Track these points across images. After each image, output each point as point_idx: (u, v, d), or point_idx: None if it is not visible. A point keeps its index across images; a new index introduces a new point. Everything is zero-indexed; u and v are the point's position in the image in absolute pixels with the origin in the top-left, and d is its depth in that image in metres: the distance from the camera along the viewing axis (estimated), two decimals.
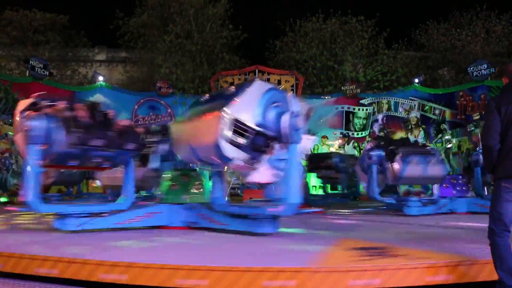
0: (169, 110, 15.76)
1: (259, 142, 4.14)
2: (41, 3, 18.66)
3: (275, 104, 4.15)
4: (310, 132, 15.00)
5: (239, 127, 3.97)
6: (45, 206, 4.61)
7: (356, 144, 15.23)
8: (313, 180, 13.57)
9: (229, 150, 4.00)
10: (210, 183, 6.73)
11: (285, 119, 3.98)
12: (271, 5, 28.22)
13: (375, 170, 7.51)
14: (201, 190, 5.51)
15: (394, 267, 2.69)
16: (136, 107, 15.60)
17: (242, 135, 4.00)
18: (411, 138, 15.09)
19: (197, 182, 5.57)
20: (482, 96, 14.61)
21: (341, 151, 14.19)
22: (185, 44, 16.69)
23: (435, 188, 7.98)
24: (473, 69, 14.71)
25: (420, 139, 14.92)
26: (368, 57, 17.26)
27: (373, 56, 17.29)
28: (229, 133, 3.94)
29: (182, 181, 5.53)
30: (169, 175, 5.69)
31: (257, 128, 4.05)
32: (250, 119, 4.02)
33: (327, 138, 15.07)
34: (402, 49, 18.24)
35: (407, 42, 18.82)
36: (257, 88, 4.17)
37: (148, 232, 4.85)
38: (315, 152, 15.02)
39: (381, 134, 15.09)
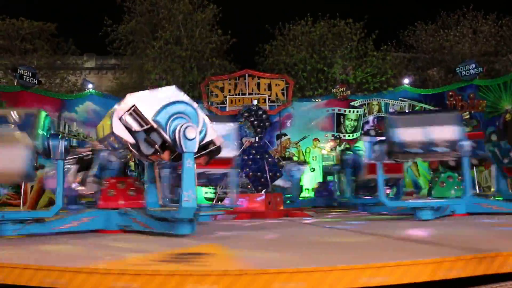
0: None
1: (152, 138, 4.34)
2: (29, 12, 18.63)
3: (179, 115, 4.36)
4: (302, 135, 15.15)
5: (135, 113, 4.18)
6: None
7: (348, 146, 15.27)
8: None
9: (118, 128, 4.20)
10: None
11: (180, 127, 4.18)
12: (260, 9, 28.33)
13: None
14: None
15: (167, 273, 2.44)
16: None
17: (136, 121, 4.20)
18: None
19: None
20: (471, 95, 14.72)
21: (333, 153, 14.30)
22: (175, 50, 16.66)
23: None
24: (461, 69, 14.82)
25: None
26: (357, 59, 17.35)
27: (362, 58, 17.38)
28: (124, 114, 4.16)
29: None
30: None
31: (154, 124, 4.21)
32: (150, 114, 4.22)
33: (319, 141, 15.12)
34: (391, 51, 18.36)
35: (396, 43, 18.98)
36: (170, 94, 4.39)
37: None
38: (307, 154, 15.08)
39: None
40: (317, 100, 16.13)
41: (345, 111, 15.74)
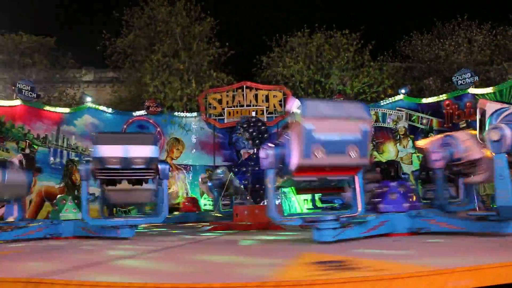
0: (158, 129, 15.75)
1: None
2: (28, 26, 18.73)
3: None
4: None
5: None
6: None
7: None
8: None
9: None
10: None
11: None
12: (257, 21, 28.52)
13: None
14: None
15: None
16: (125, 126, 15.57)
17: None
18: (400, 148, 15.25)
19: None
20: (467, 104, 14.81)
21: None
22: (172, 62, 16.77)
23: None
24: (457, 78, 14.94)
25: (409, 149, 15.06)
26: (354, 70, 17.44)
27: (359, 69, 17.47)
28: None
29: None
30: None
31: None
32: None
33: None
34: (388, 61, 18.49)
35: (392, 53, 19.13)
36: None
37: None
38: None
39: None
40: None
41: None
